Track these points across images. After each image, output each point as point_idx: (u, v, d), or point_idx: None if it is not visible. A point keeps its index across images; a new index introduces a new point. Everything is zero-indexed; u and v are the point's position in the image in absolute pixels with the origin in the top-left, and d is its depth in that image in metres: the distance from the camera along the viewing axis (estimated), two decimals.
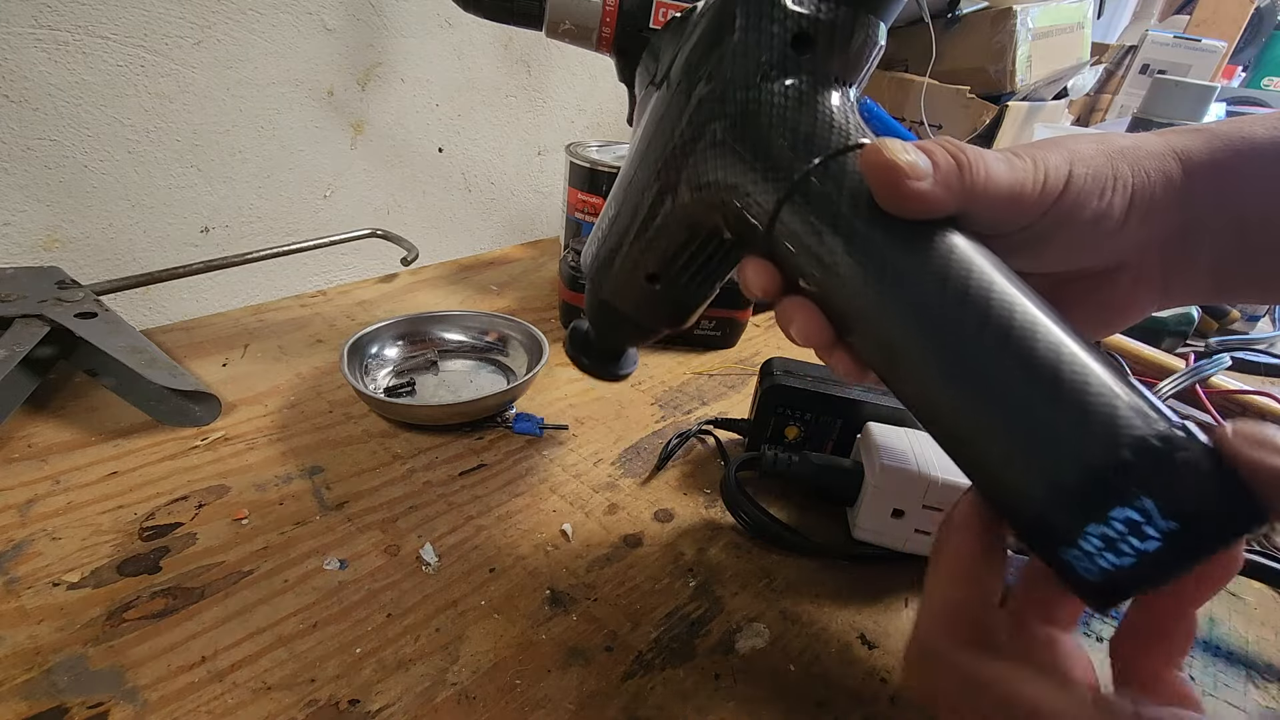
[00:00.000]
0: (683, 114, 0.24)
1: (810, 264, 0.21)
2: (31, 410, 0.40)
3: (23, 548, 0.31)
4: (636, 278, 0.28)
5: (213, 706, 0.25)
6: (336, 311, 0.57)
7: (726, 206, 0.23)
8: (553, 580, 0.32)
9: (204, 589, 0.30)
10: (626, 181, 0.27)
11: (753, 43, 0.22)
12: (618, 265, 0.28)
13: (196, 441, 0.39)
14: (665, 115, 0.25)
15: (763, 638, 0.30)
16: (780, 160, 0.22)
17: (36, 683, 0.26)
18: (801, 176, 0.21)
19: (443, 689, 0.27)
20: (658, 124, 0.25)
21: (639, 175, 0.26)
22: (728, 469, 0.36)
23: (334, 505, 0.36)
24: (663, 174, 0.25)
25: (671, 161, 0.24)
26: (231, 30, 0.51)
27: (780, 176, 0.22)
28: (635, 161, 0.26)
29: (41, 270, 0.45)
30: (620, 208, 0.27)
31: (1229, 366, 0.48)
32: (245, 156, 0.55)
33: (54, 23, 0.44)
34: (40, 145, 0.46)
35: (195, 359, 0.48)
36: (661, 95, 0.25)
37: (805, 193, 0.21)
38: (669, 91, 0.25)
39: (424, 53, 0.63)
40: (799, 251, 0.22)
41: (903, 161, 0.19)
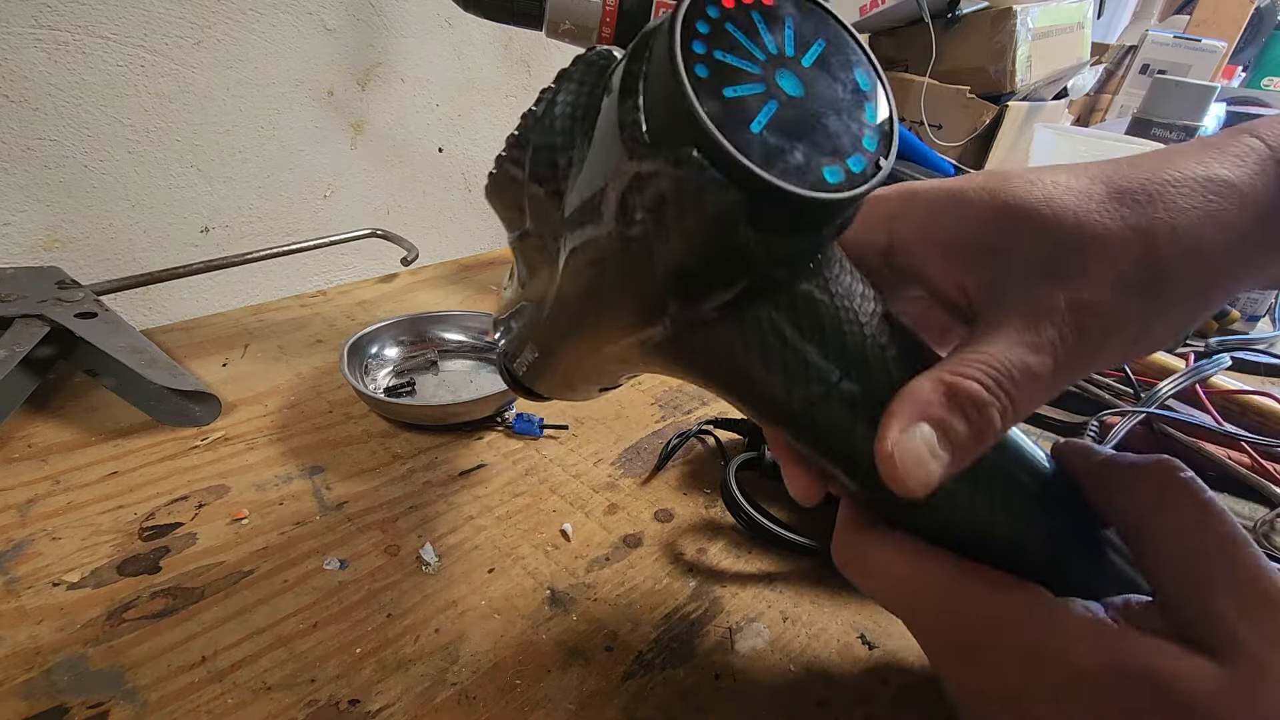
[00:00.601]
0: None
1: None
2: (31, 410, 0.40)
3: (23, 548, 0.31)
4: (582, 392, 0.28)
5: (213, 707, 0.25)
6: (336, 311, 0.57)
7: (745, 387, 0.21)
8: (552, 580, 0.32)
9: (204, 589, 0.30)
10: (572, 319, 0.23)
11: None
12: (561, 385, 0.27)
13: (196, 441, 0.39)
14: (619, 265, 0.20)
15: (763, 638, 0.30)
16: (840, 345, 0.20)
17: (36, 683, 0.26)
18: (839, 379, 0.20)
19: (442, 689, 0.27)
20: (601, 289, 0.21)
21: (587, 331, 0.22)
22: (728, 469, 0.36)
23: (334, 505, 0.36)
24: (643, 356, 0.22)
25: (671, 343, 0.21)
26: (231, 30, 0.51)
27: (841, 357, 0.20)
28: (575, 319, 0.23)
29: (41, 270, 0.45)
30: (549, 354, 0.25)
31: (1229, 366, 0.48)
32: (245, 156, 0.55)
33: (54, 22, 0.44)
34: (40, 145, 0.46)
35: (195, 359, 0.48)
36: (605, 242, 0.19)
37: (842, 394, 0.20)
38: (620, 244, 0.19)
39: (424, 53, 0.63)
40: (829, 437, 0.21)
41: (909, 478, 0.17)
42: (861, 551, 0.22)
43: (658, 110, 0.16)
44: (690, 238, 0.17)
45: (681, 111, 0.15)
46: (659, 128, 0.16)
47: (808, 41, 0.17)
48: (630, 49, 0.18)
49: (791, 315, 0.19)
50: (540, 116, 0.21)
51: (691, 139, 0.16)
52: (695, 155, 0.16)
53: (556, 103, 0.21)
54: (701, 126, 0.15)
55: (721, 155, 0.15)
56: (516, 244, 0.25)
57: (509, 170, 0.22)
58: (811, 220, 0.17)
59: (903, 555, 0.21)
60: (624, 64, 0.18)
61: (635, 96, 0.17)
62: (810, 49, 0.17)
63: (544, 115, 0.21)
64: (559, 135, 0.21)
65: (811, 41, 0.18)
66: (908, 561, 0.21)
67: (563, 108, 0.21)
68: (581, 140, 0.20)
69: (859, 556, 0.22)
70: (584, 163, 0.20)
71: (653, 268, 0.18)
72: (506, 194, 0.23)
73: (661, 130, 0.16)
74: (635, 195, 0.17)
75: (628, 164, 0.17)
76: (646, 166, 0.17)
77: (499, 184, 0.23)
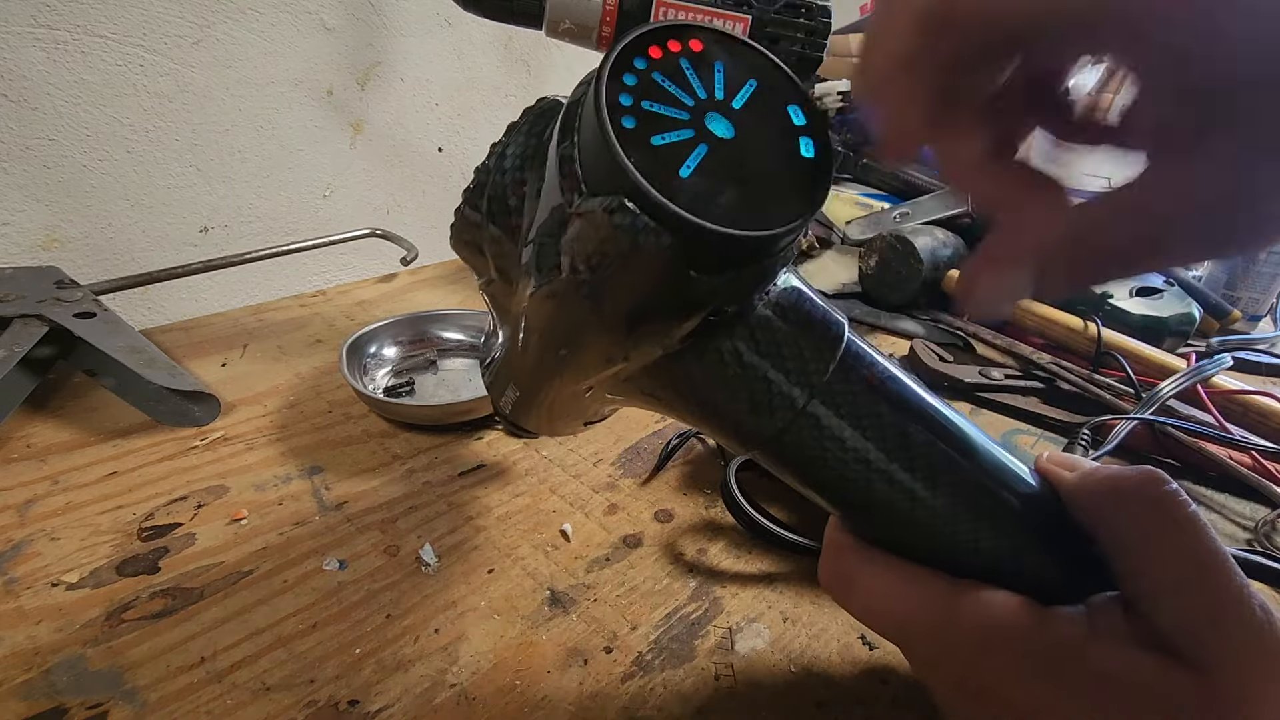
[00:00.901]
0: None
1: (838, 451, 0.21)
2: (30, 410, 0.40)
3: (22, 548, 0.31)
4: (564, 427, 0.29)
5: (212, 707, 0.25)
6: (336, 311, 0.57)
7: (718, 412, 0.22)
8: (552, 581, 0.32)
9: (203, 589, 0.30)
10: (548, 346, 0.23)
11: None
12: (544, 423, 0.28)
13: (196, 442, 0.39)
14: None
15: (763, 638, 0.30)
16: (803, 365, 0.20)
17: (35, 683, 0.25)
18: (826, 379, 0.20)
19: (442, 690, 0.27)
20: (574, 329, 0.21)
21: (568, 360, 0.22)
22: (728, 469, 0.36)
23: (333, 505, 0.35)
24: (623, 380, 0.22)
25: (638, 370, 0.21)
26: (230, 29, 0.51)
27: (804, 381, 0.20)
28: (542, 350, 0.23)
29: (40, 270, 0.45)
30: (529, 392, 0.26)
31: (1230, 366, 0.48)
32: (244, 156, 0.55)
33: (53, 22, 0.44)
34: (39, 145, 0.46)
35: (194, 359, 0.48)
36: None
37: (828, 394, 0.20)
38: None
39: (424, 52, 0.63)
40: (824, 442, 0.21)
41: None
42: (849, 571, 0.22)
43: (590, 161, 0.17)
44: (632, 280, 0.17)
45: (609, 162, 0.16)
46: (593, 177, 0.17)
47: (739, 83, 0.18)
48: (570, 98, 0.19)
49: (750, 342, 0.20)
50: (492, 167, 0.22)
51: (621, 188, 0.16)
52: (626, 204, 0.16)
53: (506, 154, 0.22)
54: (628, 176, 0.16)
55: (649, 202, 0.16)
56: (485, 290, 0.26)
57: (468, 215, 0.23)
58: (748, 256, 0.18)
59: (892, 573, 0.21)
60: (563, 113, 0.19)
61: (572, 144, 0.18)
62: (741, 90, 0.18)
63: (495, 164, 0.22)
64: (509, 176, 0.21)
65: (742, 82, 0.18)
66: (898, 578, 0.21)
67: (513, 156, 0.21)
68: (533, 180, 0.21)
69: (846, 576, 0.23)
70: (536, 203, 0.20)
71: (603, 309, 0.18)
72: (469, 240, 0.24)
73: (594, 179, 0.17)
74: (577, 240, 0.17)
75: (567, 210, 0.18)
76: (585, 209, 0.17)
77: (460, 231, 0.24)
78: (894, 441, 0.20)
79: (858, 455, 0.20)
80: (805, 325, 0.21)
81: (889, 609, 0.21)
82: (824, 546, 0.24)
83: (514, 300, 0.23)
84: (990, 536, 0.21)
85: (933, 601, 0.20)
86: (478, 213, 0.23)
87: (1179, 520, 0.19)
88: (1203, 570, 0.18)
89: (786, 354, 0.20)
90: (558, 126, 0.19)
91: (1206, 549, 0.18)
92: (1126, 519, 0.20)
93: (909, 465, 0.20)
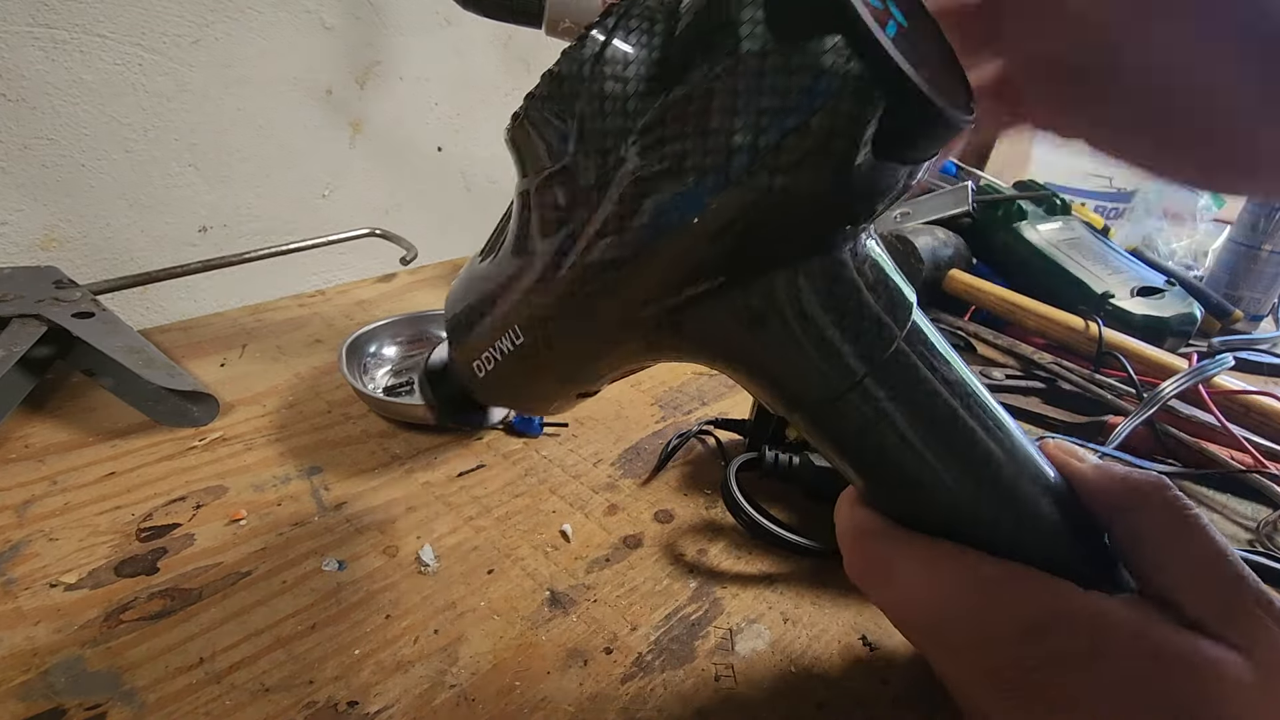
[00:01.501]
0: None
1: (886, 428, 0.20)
2: (29, 410, 0.40)
3: (20, 548, 0.31)
4: (558, 395, 0.24)
5: (211, 708, 0.25)
6: (335, 311, 0.57)
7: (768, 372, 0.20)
8: (552, 581, 0.32)
9: (202, 590, 0.30)
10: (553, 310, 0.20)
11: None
12: (533, 389, 0.24)
13: (194, 442, 0.39)
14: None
15: (763, 639, 0.30)
16: (871, 334, 0.19)
17: (34, 684, 0.25)
18: (891, 352, 0.19)
19: (441, 690, 0.27)
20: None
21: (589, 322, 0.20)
22: (728, 469, 0.36)
23: (332, 506, 0.35)
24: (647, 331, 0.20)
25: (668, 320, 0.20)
26: (230, 29, 0.51)
27: (866, 353, 0.19)
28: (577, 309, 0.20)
29: (39, 270, 0.45)
30: (546, 337, 0.21)
31: (1232, 366, 0.48)
32: (243, 155, 0.55)
33: (51, 21, 0.44)
34: (37, 144, 0.45)
35: (193, 359, 0.48)
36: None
37: (886, 370, 0.19)
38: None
39: (423, 51, 0.63)
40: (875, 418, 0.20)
41: None
42: (884, 556, 0.21)
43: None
44: (813, 144, 0.15)
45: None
46: (789, 10, 0.15)
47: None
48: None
49: (828, 291, 0.19)
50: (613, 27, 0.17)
51: (836, 24, 0.14)
52: (840, 43, 0.14)
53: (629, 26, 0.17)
54: (851, 12, 0.14)
55: (872, 47, 0.14)
56: (539, 188, 0.20)
57: (583, 66, 0.18)
58: (930, 144, 0.17)
59: (933, 553, 0.20)
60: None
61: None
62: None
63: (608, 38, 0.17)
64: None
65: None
66: (941, 559, 0.20)
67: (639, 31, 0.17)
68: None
69: (882, 562, 0.21)
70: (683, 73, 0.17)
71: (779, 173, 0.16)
72: (552, 117, 0.19)
73: (795, 13, 0.15)
74: (753, 91, 0.15)
75: (750, 55, 0.15)
76: (772, 58, 0.15)
77: (545, 107, 0.19)
78: (946, 424, 0.20)
79: (903, 437, 0.20)
80: (883, 287, 0.19)
81: (931, 595, 0.20)
82: (846, 532, 0.22)
83: (587, 184, 0.18)
84: (1030, 521, 0.20)
85: (981, 584, 0.19)
86: (576, 91, 0.18)
87: (1190, 519, 0.20)
88: (1220, 562, 0.19)
89: (860, 319, 0.19)
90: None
91: (1220, 544, 0.19)
92: (1147, 517, 0.20)
93: (956, 447, 0.20)
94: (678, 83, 0.16)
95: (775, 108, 0.15)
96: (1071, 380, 0.51)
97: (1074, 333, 0.56)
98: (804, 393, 0.20)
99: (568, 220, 0.19)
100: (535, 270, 0.20)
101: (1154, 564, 0.20)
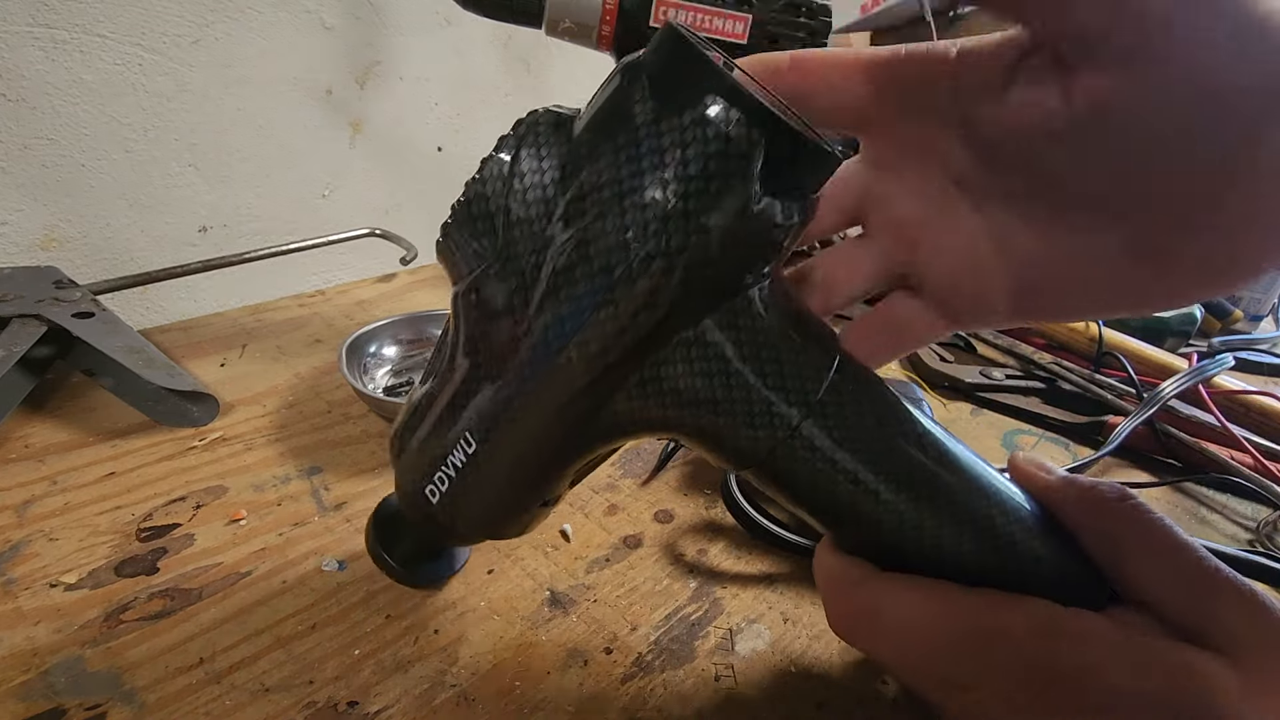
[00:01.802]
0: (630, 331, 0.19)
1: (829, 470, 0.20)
2: (29, 410, 0.40)
3: (20, 549, 0.31)
4: (522, 505, 0.24)
5: (211, 708, 0.25)
6: (335, 311, 0.57)
7: (707, 428, 0.21)
8: (552, 581, 0.32)
9: (202, 590, 0.30)
10: (502, 408, 0.21)
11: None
12: (495, 501, 0.23)
13: (194, 442, 0.39)
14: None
15: (763, 639, 0.30)
16: (800, 377, 0.20)
17: (33, 684, 0.25)
18: (824, 390, 0.20)
19: (441, 691, 0.27)
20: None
21: (535, 405, 0.20)
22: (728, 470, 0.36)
23: (333, 506, 0.35)
24: (589, 394, 0.20)
25: (610, 380, 0.20)
26: (229, 29, 0.51)
27: (799, 397, 0.20)
28: (518, 388, 0.20)
29: (39, 270, 0.45)
30: (497, 437, 0.21)
31: (1232, 366, 0.48)
32: (243, 155, 0.55)
33: (51, 21, 0.44)
34: (37, 144, 0.45)
35: (193, 359, 0.48)
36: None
37: (823, 410, 0.20)
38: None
39: (423, 51, 0.63)
40: (816, 460, 0.20)
41: None
42: (870, 604, 0.21)
43: (670, 72, 0.18)
44: (721, 200, 0.18)
45: (701, 70, 0.18)
46: (672, 84, 0.18)
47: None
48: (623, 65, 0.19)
49: (750, 341, 0.20)
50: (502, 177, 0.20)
51: (714, 88, 0.17)
52: (720, 101, 0.17)
53: (522, 167, 0.20)
54: (726, 78, 0.17)
55: (746, 99, 0.17)
56: (469, 293, 0.21)
57: (488, 186, 0.21)
58: (809, 175, 0.19)
59: (920, 594, 0.20)
60: (620, 78, 0.19)
61: (640, 73, 0.18)
62: None
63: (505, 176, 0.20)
64: (532, 194, 0.20)
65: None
66: (929, 598, 0.20)
67: (537, 169, 0.20)
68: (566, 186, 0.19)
69: (869, 611, 0.21)
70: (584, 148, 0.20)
71: (670, 219, 0.18)
72: (481, 218, 0.20)
73: (678, 88, 0.18)
74: (655, 153, 0.18)
75: (656, 125, 0.18)
76: (666, 123, 0.18)
77: (472, 206, 0.21)
78: (896, 457, 0.20)
79: (852, 475, 0.20)
80: (806, 337, 0.20)
81: (924, 639, 0.20)
82: (826, 584, 0.22)
83: (521, 282, 0.20)
84: (1005, 545, 0.21)
85: (977, 616, 0.19)
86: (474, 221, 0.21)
87: (1155, 525, 0.20)
88: (1192, 564, 0.19)
89: (784, 358, 0.20)
90: (624, 69, 0.19)
91: (1189, 546, 0.20)
92: (1114, 525, 0.20)
93: (909, 481, 0.20)
94: (584, 171, 0.19)
95: (677, 161, 0.18)
96: (1071, 380, 0.51)
97: (1074, 333, 0.56)
98: (748, 448, 0.20)
99: (503, 317, 0.20)
100: (477, 373, 0.21)
101: (1127, 572, 0.20)
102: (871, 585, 0.21)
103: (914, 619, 0.20)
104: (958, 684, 0.20)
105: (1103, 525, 0.21)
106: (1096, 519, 0.21)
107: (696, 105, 0.17)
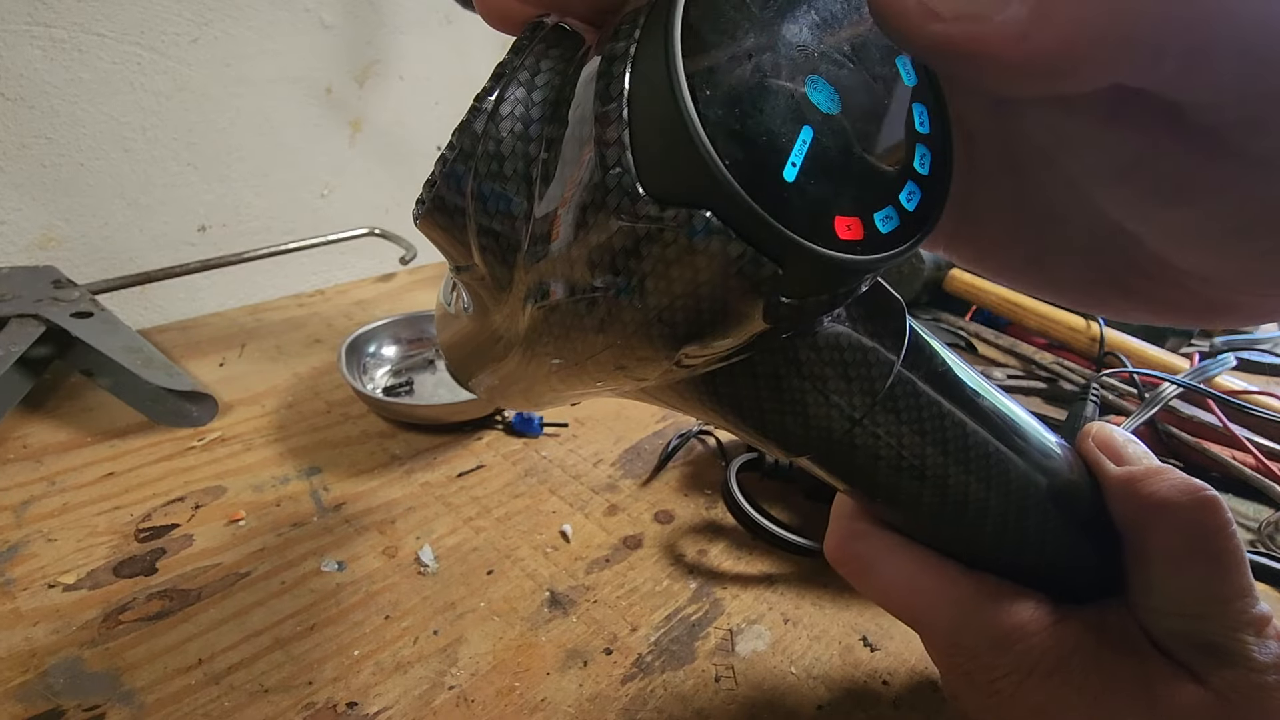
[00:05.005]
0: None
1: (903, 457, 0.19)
2: (27, 410, 0.40)
3: (18, 549, 0.31)
4: (558, 398, 0.21)
5: (210, 709, 0.25)
6: (334, 311, 0.57)
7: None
8: (552, 582, 0.32)
9: (201, 591, 0.30)
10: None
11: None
12: (534, 396, 0.21)
13: (193, 442, 0.39)
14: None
15: (763, 640, 0.30)
16: (867, 379, 0.18)
17: (32, 685, 0.25)
18: (889, 385, 0.18)
19: (441, 691, 0.26)
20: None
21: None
22: (728, 470, 0.36)
23: (332, 507, 0.35)
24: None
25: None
26: (229, 27, 0.51)
27: (864, 400, 0.18)
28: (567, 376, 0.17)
29: (37, 269, 0.44)
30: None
31: (1234, 366, 0.48)
32: (242, 155, 0.55)
33: (50, 20, 0.43)
34: (36, 143, 0.45)
35: (192, 359, 0.48)
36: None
37: (889, 402, 0.18)
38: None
39: (423, 50, 0.63)
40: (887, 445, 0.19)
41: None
42: (867, 556, 0.22)
43: (651, 147, 0.11)
44: (703, 308, 0.13)
45: (689, 159, 0.11)
46: (655, 173, 0.11)
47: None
48: (613, 29, 0.12)
49: (813, 352, 0.17)
50: (482, 131, 0.14)
51: (705, 199, 0.11)
52: (712, 220, 0.11)
53: (502, 111, 0.14)
54: (721, 187, 0.11)
55: (752, 225, 0.11)
56: (463, 279, 0.18)
57: (446, 200, 0.15)
58: (857, 279, 0.14)
59: (915, 565, 0.21)
60: (601, 58, 0.12)
61: (619, 114, 0.11)
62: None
63: (488, 127, 0.14)
64: (509, 145, 0.14)
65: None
66: (921, 572, 0.21)
67: (514, 115, 0.14)
68: (547, 142, 0.14)
69: (864, 561, 0.22)
70: (549, 182, 0.14)
71: (651, 331, 0.13)
72: (443, 225, 0.16)
73: (659, 178, 0.11)
74: (625, 256, 0.12)
75: (612, 220, 0.12)
76: (641, 225, 0.12)
77: (434, 215, 0.16)
78: (954, 445, 0.19)
79: (912, 462, 0.19)
80: (872, 320, 0.18)
81: (908, 601, 0.21)
82: (836, 523, 0.23)
83: (504, 304, 0.17)
84: (1033, 537, 0.20)
85: (955, 600, 0.20)
86: (460, 195, 0.15)
87: (1218, 553, 0.19)
88: (1226, 605, 0.19)
89: (850, 360, 0.17)
90: (593, 71, 0.12)
91: (1235, 585, 0.19)
92: (1166, 538, 0.20)
93: (965, 470, 0.19)
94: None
95: (651, 268, 0.12)
96: (1073, 380, 0.51)
97: (1075, 332, 0.55)
98: (807, 439, 0.19)
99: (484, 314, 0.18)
100: (490, 344, 0.19)
101: (1150, 584, 0.20)
102: (871, 541, 0.21)
103: (900, 585, 0.21)
104: (930, 645, 0.22)
105: (1142, 534, 0.20)
106: (1139, 526, 0.20)
107: (681, 211, 0.12)
